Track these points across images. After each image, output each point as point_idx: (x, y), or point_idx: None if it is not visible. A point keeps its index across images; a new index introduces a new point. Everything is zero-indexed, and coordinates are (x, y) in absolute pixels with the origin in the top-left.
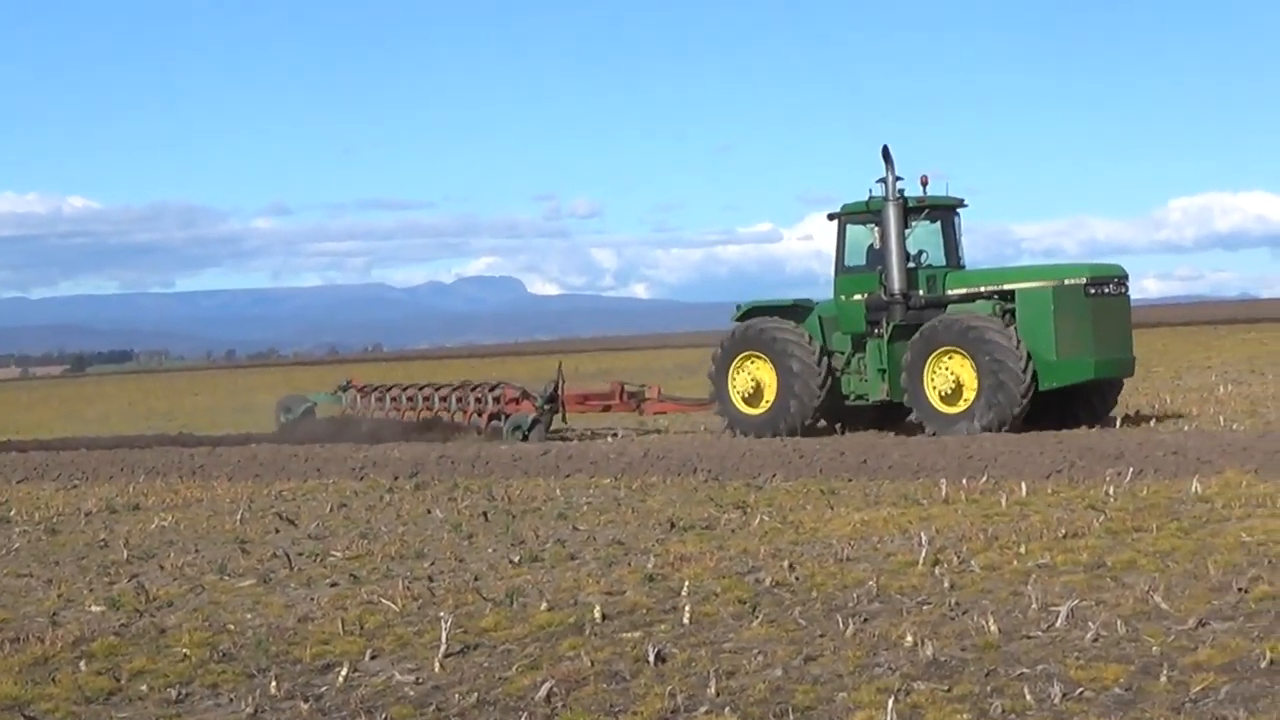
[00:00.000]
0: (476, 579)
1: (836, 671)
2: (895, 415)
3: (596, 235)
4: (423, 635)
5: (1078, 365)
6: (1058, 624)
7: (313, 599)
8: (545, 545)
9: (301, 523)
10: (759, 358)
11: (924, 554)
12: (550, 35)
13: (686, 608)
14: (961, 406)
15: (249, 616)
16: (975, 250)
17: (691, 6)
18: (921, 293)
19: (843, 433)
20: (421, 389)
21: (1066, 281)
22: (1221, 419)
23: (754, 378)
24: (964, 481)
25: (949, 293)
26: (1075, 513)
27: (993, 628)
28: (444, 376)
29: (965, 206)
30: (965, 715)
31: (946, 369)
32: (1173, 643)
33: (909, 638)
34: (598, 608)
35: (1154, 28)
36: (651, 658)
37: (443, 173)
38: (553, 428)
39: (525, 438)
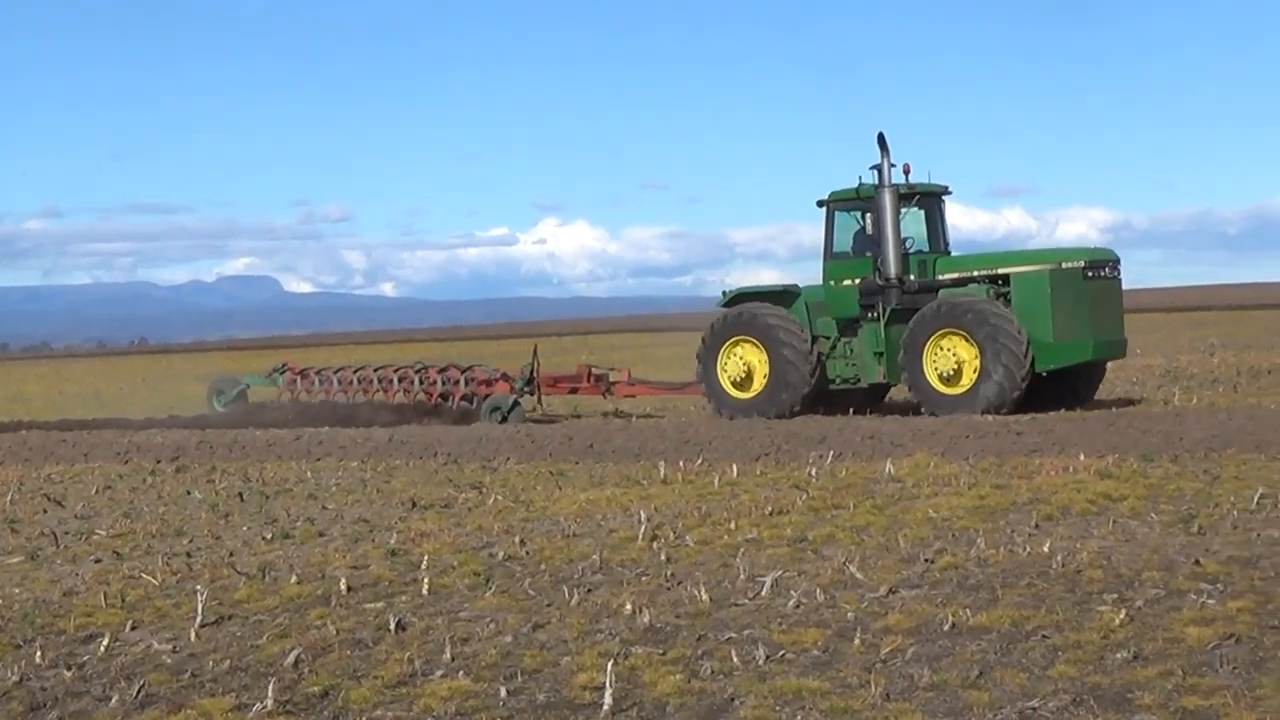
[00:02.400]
0: (232, 555)
1: (562, 637)
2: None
3: (348, 238)
4: (180, 607)
5: (1076, 347)
6: (763, 593)
7: (77, 574)
8: (296, 523)
9: (69, 503)
10: (750, 342)
11: (643, 530)
12: (303, 47)
13: (425, 580)
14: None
15: (16, 591)
16: (693, 254)
17: (439, 23)
18: (913, 277)
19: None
20: (377, 370)
21: (1064, 265)
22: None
23: (745, 362)
24: (681, 464)
25: (940, 277)
26: (781, 492)
27: (704, 596)
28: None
29: (950, 194)
30: (678, 676)
31: (948, 351)
32: (866, 609)
33: (628, 606)
34: (343, 580)
35: (857, 45)
36: (392, 626)
37: (205, 178)
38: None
39: (504, 419)
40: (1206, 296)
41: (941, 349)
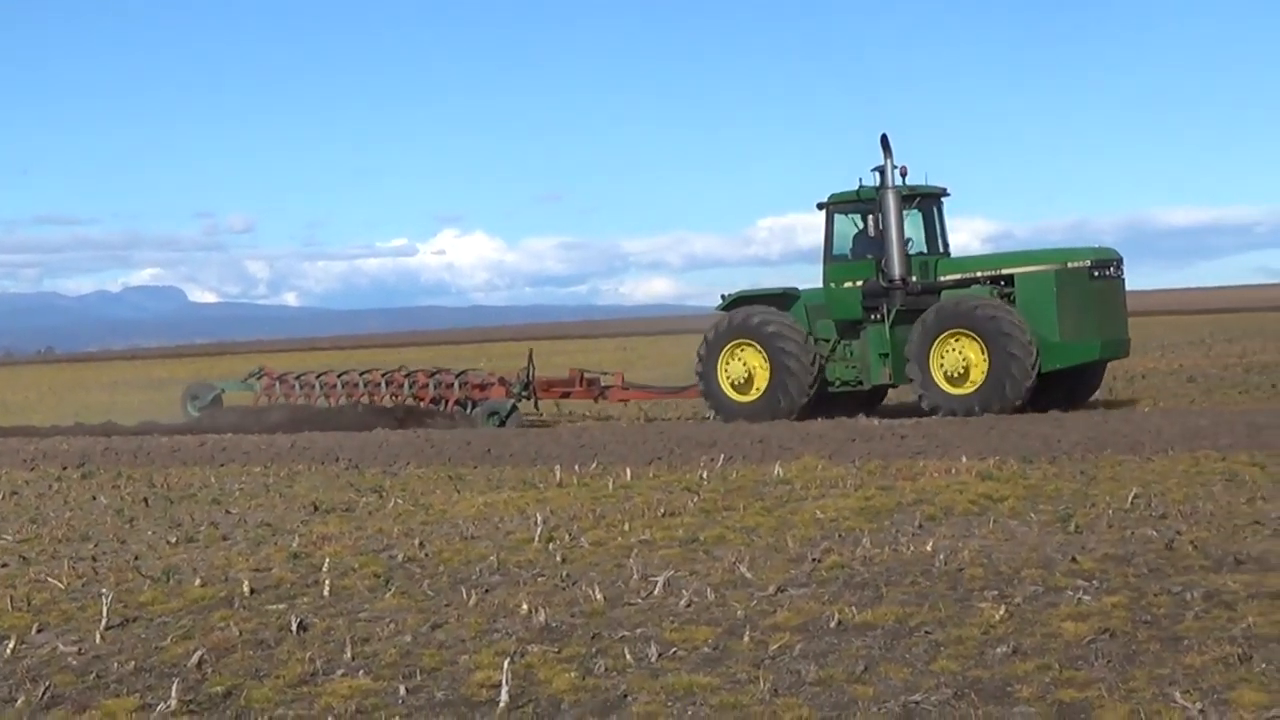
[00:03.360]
0: (137, 558)
1: (460, 637)
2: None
3: (251, 249)
4: (86, 610)
5: (1082, 347)
6: (656, 592)
7: None
8: (200, 527)
9: None
10: (751, 346)
11: (539, 532)
12: (206, 60)
13: (327, 582)
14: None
15: None
16: (588, 264)
17: (337, 38)
18: (915, 279)
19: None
20: (363, 374)
21: (1069, 265)
22: None
23: (746, 365)
24: (576, 467)
25: (942, 278)
26: (673, 494)
27: (599, 596)
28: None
29: (949, 196)
30: (573, 674)
31: (956, 351)
32: (755, 607)
33: (525, 606)
34: (246, 583)
35: (740, 60)
36: (294, 627)
37: (110, 191)
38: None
39: (503, 423)
40: None
41: (949, 349)
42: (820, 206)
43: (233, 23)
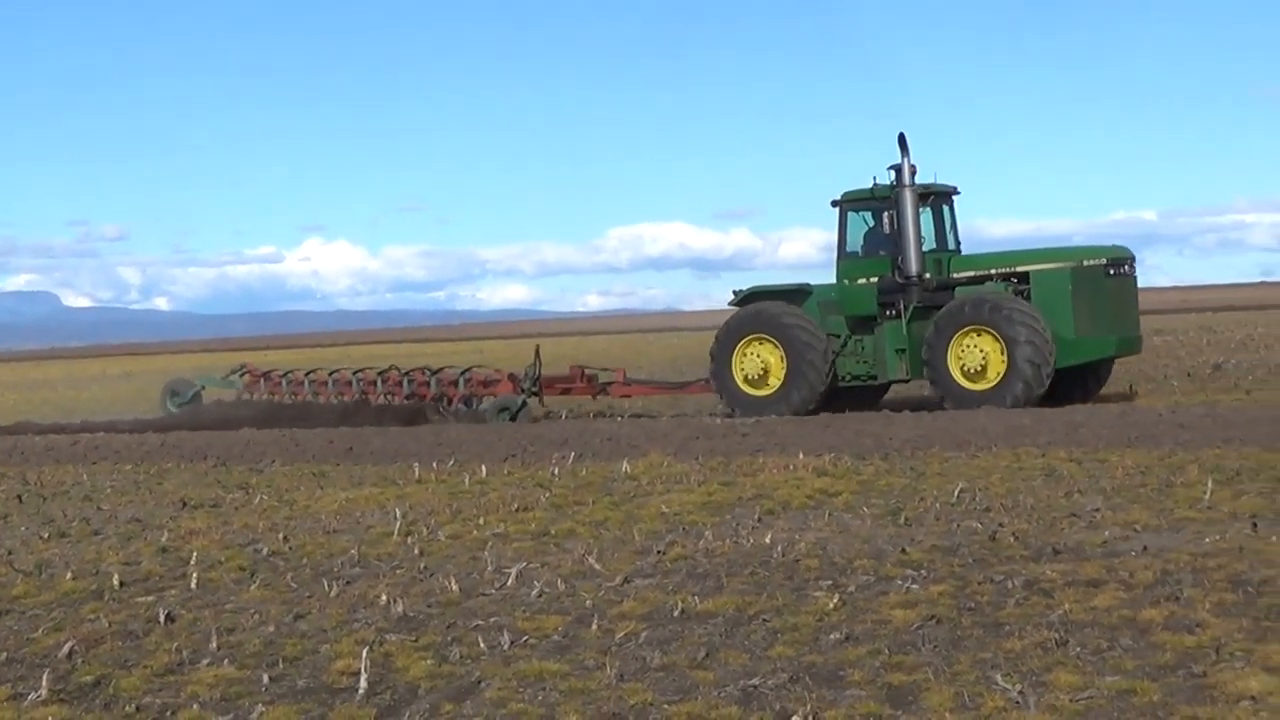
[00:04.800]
0: (10, 553)
1: (321, 627)
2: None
3: (124, 255)
4: None
5: (1098, 343)
6: (509, 583)
7: None
8: (72, 523)
9: None
10: (766, 340)
11: (398, 526)
12: (80, 70)
13: (194, 575)
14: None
15: None
16: (446, 271)
17: (207, 51)
18: (928, 275)
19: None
20: (356, 372)
21: (1085, 262)
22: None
23: (762, 360)
24: (434, 464)
25: (956, 275)
26: (526, 490)
27: (454, 587)
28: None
29: (959, 194)
30: (429, 661)
31: (974, 347)
32: (603, 597)
33: (384, 597)
34: (116, 576)
35: (589, 75)
36: (162, 618)
37: None
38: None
39: (514, 418)
40: None
41: (967, 345)
42: (834, 204)
43: (102, 33)
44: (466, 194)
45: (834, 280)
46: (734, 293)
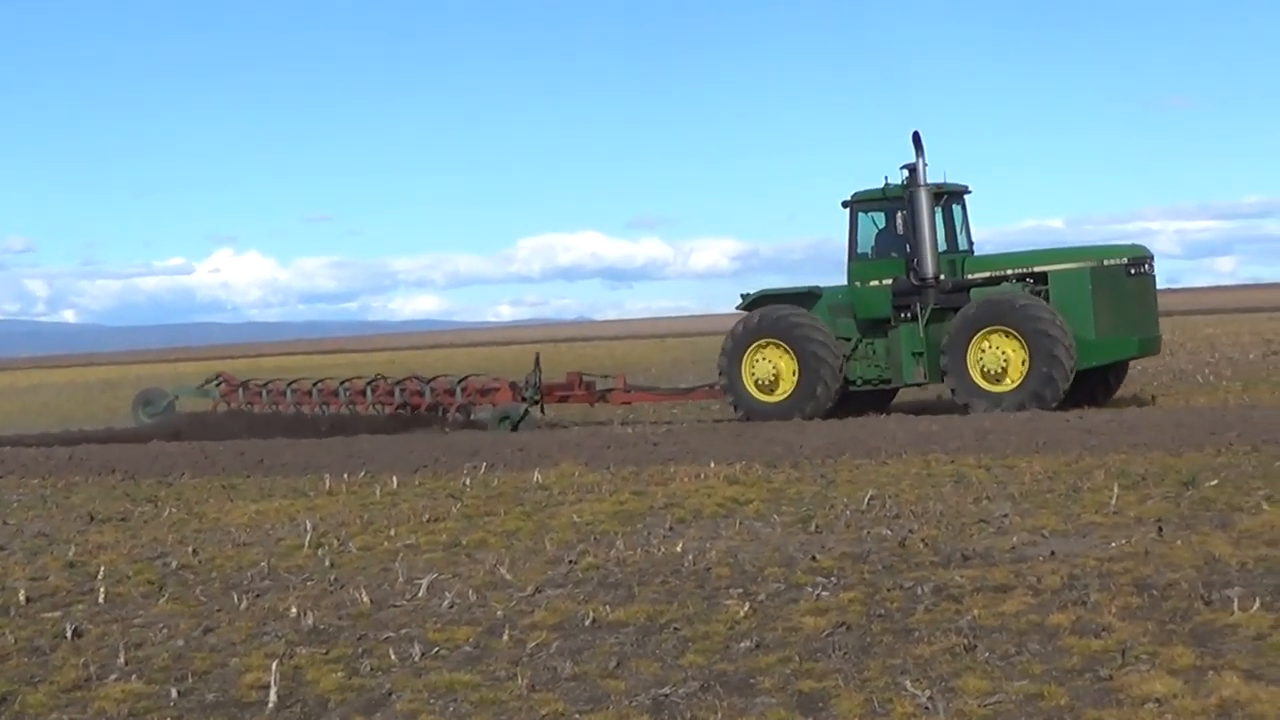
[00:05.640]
0: None
1: (231, 640)
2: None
3: (30, 267)
4: None
5: (1120, 343)
6: (420, 594)
7: None
8: None
9: None
10: (776, 345)
11: (309, 538)
12: None
13: (102, 589)
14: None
15: None
16: (358, 282)
17: (113, 61)
18: (942, 276)
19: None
20: (343, 382)
21: (1106, 262)
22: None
23: (773, 365)
24: (345, 476)
25: (970, 276)
26: (437, 501)
27: (365, 599)
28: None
29: (970, 193)
30: (340, 674)
31: (995, 349)
32: (514, 607)
33: (294, 609)
34: (22, 592)
35: (498, 87)
36: (69, 634)
37: None
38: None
39: (515, 427)
40: None
41: (986, 347)
42: (844, 205)
43: (6, 45)
44: (378, 205)
45: (844, 283)
46: (741, 296)
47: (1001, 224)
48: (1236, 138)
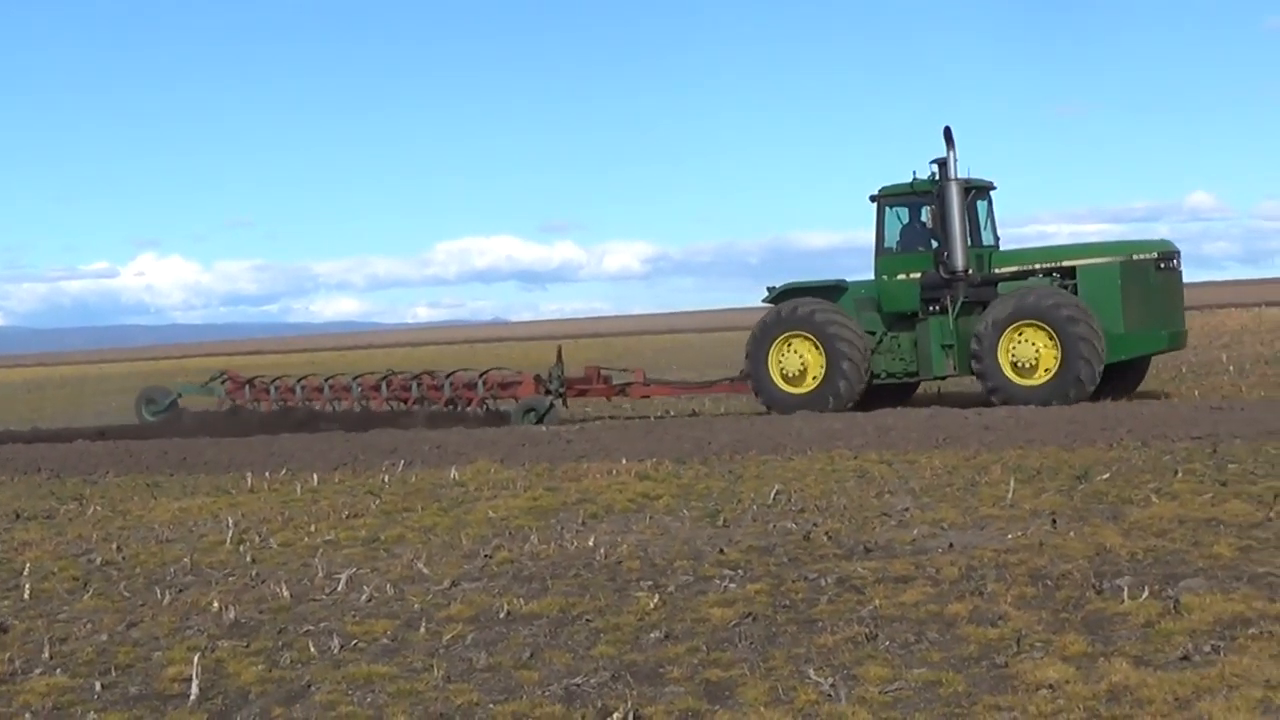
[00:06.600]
0: None
1: (154, 634)
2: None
3: None
4: None
5: (1148, 338)
6: (339, 588)
7: None
8: None
9: None
10: (804, 338)
11: (231, 534)
12: None
13: (27, 585)
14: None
15: None
16: (279, 284)
17: (32, 65)
18: (969, 270)
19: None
20: (356, 378)
21: (1135, 257)
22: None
23: (801, 358)
24: (267, 474)
25: (998, 270)
26: (357, 497)
27: (285, 593)
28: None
29: (996, 189)
30: (260, 666)
31: (1028, 342)
32: (431, 600)
33: (216, 604)
34: None
35: (413, 89)
36: None
37: None
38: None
39: (540, 420)
40: (733, 319)
41: (1018, 341)
42: (872, 199)
43: None
44: (299, 209)
45: (872, 276)
46: (768, 289)
47: None
48: (1125, 144)
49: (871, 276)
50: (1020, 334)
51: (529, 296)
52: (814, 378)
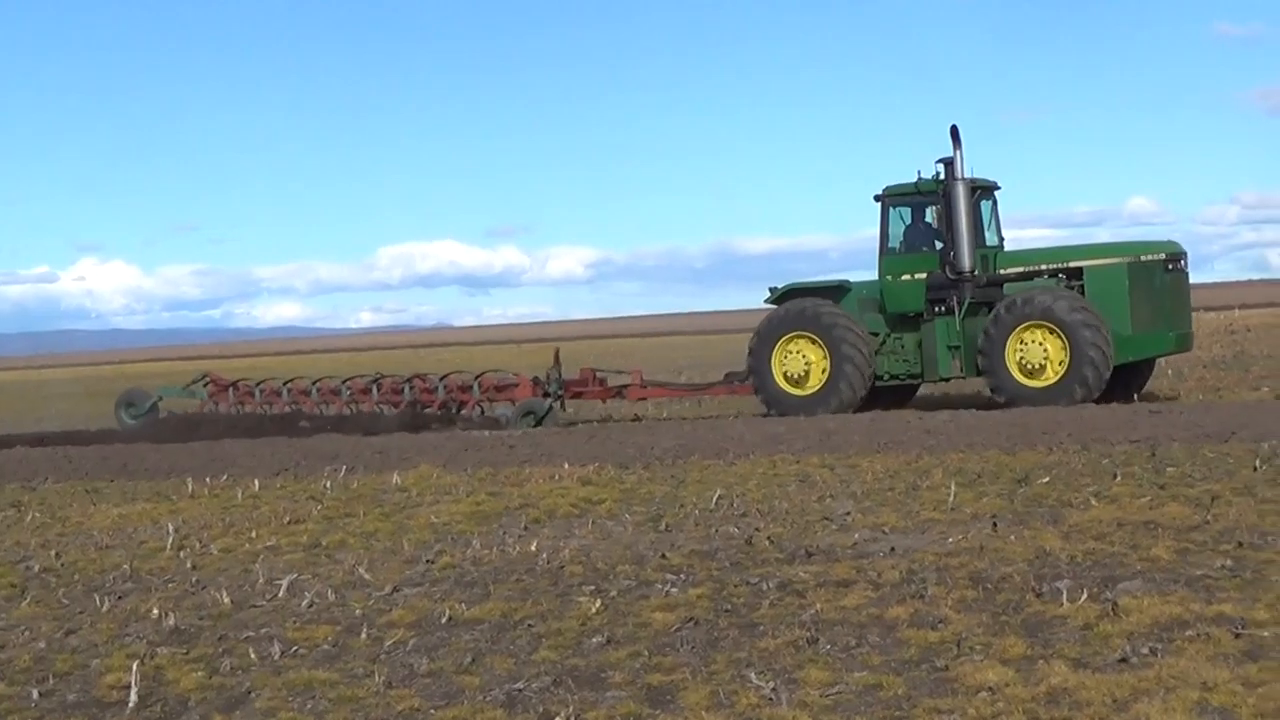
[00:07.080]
0: None
1: (93, 641)
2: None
3: None
4: None
5: (1156, 339)
6: (280, 594)
7: None
8: None
9: None
10: (807, 338)
11: (171, 540)
12: None
13: None
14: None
15: None
16: (222, 289)
17: None
18: (975, 271)
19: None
20: (345, 381)
21: (1143, 258)
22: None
23: (805, 359)
24: (208, 479)
25: (1003, 271)
26: (298, 503)
27: (226, 600)
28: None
29: (1000, 189)
30: (200, 673)
31: (1035, 343)
32: (373, 606)
33: (155, 611)
34: None
35: (361, 92)
36: None
37: None
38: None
39: (539, 423)
40: (678, 324)
41: (1025, 342)
42: (877, 199)
43: None
44: (241, 214)
45: (875, 277)
46: (770, 290)
47: (845, 232)
48: (1068, 149)
49: (867, 277)
50: (1028, 335)
51: (472, 301)
52: (817, 379)
